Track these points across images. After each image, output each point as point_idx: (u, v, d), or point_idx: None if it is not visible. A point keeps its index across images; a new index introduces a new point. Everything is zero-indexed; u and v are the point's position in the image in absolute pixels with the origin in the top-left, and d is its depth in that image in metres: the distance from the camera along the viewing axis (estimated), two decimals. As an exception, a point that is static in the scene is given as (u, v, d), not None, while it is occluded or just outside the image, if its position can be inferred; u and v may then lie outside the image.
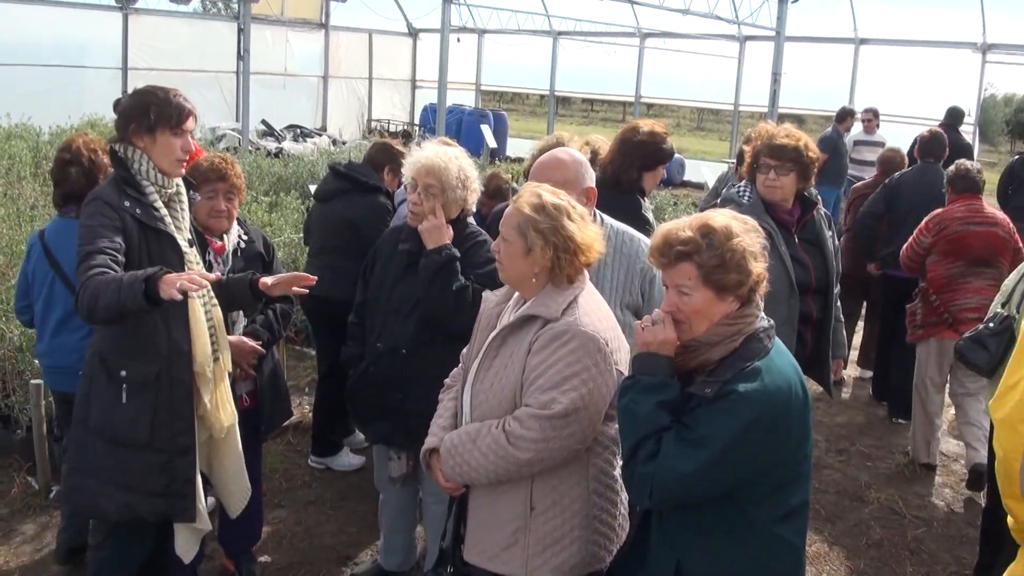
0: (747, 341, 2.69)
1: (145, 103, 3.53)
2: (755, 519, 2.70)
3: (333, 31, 22.42)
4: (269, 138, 18.87)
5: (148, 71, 17.35)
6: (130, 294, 3.14)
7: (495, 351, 3.14)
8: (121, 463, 3.54)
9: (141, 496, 3.57)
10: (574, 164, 3.82)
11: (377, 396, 4.25)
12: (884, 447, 6.98)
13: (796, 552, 2.80)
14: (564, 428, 2.91)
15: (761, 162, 4.63)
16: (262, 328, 4.41)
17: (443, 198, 4.07)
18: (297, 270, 8.57)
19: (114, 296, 3.16)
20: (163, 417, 3.54)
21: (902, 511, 5.93)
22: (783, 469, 2.70)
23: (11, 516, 5.17)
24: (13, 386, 5.88)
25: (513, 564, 3.08)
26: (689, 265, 2.68)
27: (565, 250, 3.02)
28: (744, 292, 2.69)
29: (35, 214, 8.59)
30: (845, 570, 5.21)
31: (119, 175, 3.53)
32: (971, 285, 6.25)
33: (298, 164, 13.33)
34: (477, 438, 3.03)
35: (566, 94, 25.92)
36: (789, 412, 2.65)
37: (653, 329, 2.73)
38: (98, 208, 3.42)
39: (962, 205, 6.37)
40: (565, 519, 3.04)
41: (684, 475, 2.59)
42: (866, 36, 18.36)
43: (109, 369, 3.52)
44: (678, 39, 20.30)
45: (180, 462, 3.59)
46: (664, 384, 2.70)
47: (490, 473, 3.01)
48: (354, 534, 5.27)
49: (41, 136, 13.58)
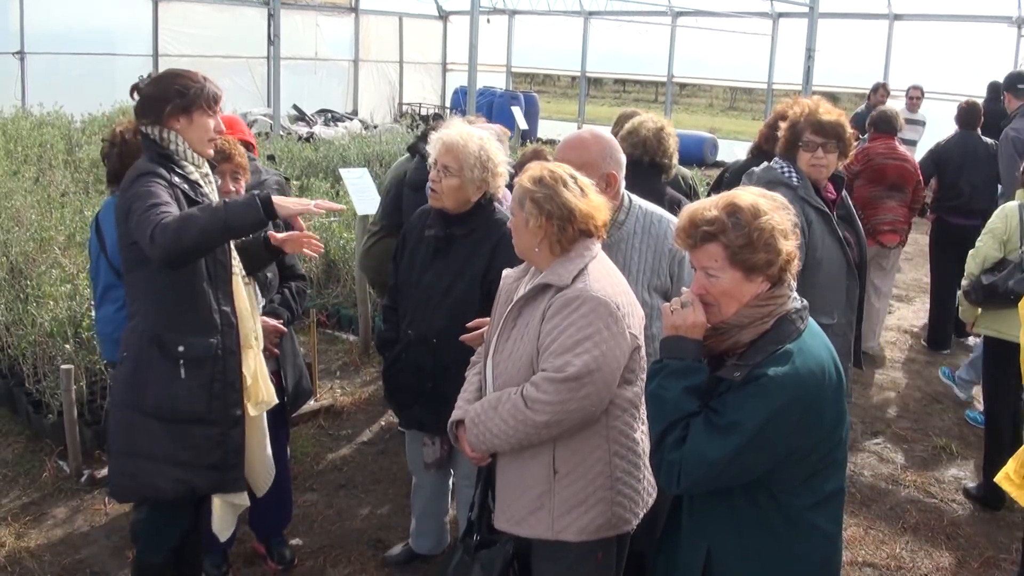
0: (778, 323, 2.61)
1: (179, 85, 3.54)
2: (788, 506, 2.64)
3: (363, 15, 22.39)
4: (300, 123, 18.90)
5: (179, 57, 17.43)
6: (241, 211, 3.33)
7: (512, 323, 3.23)
8: (177, 439, 3.57)
9: (196, 470, 3.62)
10: (596, 145, 3.76)
11: (410, 382, 4.25)
12: (920, 430, 6.88)
13: (831, 539, 2.73)
14: (579, 390, 2.97)
15: (806, 139, 4.45)
16: (281, 307, 4.44)
17: (460, 177, 4.02)
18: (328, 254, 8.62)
19: (216, 218, 3.29)
20: (219, 389, 3.60)
21: (938, 494, 5.84)
22: (816, 455, 2.63)
23: (42, 500, 5.21)
24: (44, 371, 5.94)
25: (540, 527, 3.17)
26: (715, 246, 2.60)
27: (561, 218, 3.09)
28: (774, 272, 2.61)
29: (65, 201, 8.65)
30: (881, 555, 5.13)
31: (158, 154, 3.53)
32: (886, 205, 7.93)
33: (328, 148, 13.35)
34: (498, 405, 3.11)
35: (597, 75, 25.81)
36: (822, 396, 2.58)
37: (682, 312, 2.66)
38: (152, 179, 3.43)
39: (881, 143, 8.04)
40: (588, 481, 3.11)
41: (713, 461, 2.53)
42: (900, 12, 18.08)
43: (164, 347, 3.53)
44: (710, 17, 20.09)
45: (234, 433, 3.67)
46: (692, 368, 2.64)
47: (511, 439, 3.08)
48: (385, 517, 5.26)
49: (73, 124, 13.67)
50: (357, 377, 7.30)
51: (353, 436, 6.24)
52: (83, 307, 5.98)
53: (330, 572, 4.73)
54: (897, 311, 9.82)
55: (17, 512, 5.07)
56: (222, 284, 3.61)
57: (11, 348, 6.29)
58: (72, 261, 6.84)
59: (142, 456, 3.59)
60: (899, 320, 9.49)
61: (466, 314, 4.05)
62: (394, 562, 4.79)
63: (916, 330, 9.22)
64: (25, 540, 4.82)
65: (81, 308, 5.99)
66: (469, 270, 4.09)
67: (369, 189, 7.41)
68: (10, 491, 5.30)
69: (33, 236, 7.36)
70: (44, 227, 7.48)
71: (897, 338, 8.92)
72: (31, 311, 6.04)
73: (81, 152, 11.38)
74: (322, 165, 12.19)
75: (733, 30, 20.01)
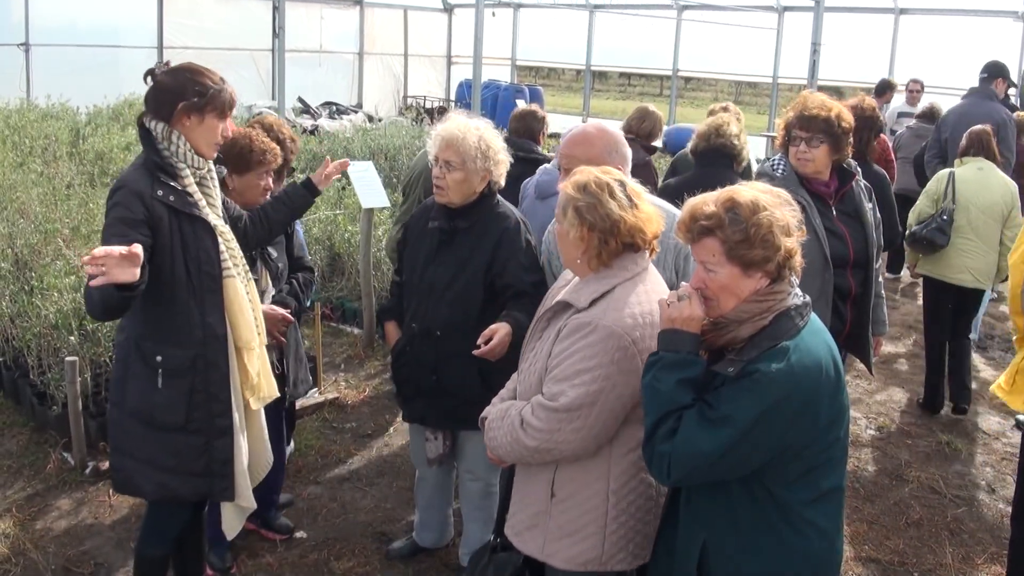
0: (777, 319, 2.60)
1: (199, 84, 3.49)
2: (784, 501, 2.64)
3: (368, 7, 22.33)
4: (305, 115, 18.86)
5: (183, 49, 17.37)
6: (98, 296, 3.16)
7: (540, 332, 3.14)
8: (159, 444, 3.57)
9: (180, 476, 3.61)
10: (602, 140, 3.75)
11: (414, 376, 4.25)
12: (924, 425, 6.87)
13: (827, 537, 2.72)
14: (568, 422, 2.86)
15: (793, 134, 4.56)
16: (289, 296, 4.48)
17: (464, 170, 4.02)
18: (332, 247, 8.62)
19: (91, 301, 3.21)
20: (200, 401, 3.55)
21: (942, 490, 5.84)
22: (812, 451, 2.62)
23: (47, 491, 5.23)
24: (49, 363, 5.95)
25: (532, 546, 3.11)
26: (713, 240, 2.61)
27: (603, 230, 2.93)
28: (772, 268, 2.61)
29: (71, 193, 8.64)
30: (884, 550, 5.13)
31: (151, 160, 3.47)
32: None
33: (333, 141, 13.34)
34: (504, 416, 3.05)
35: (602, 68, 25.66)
36: (817, 394, 2.57)
37: (678, 305, 2.66)
38: (124, 198, 3.38)
39: None
40: (582, 512, 3.01)
41: (704, 454, 2.54)
42: (906, 6, 18.02)
43: (144, 354, 3.52)
44: (716, 11, 20.04)
45: (218, 443, 3.62)
46: (687, 361, 2.65)
47: (510, 454, 3.04)
48: (389, 511, 5.27)
49: (78, 116, 13.66)
50: (361, 370, 7.30)
51: (357, 429, 6.25)
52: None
53: (334, 565, 4.74)
54: (902, 306, 9.81)
55: (22, 503, 5.09)
56: (208, 294, 3.52)
57: (16, 340, 6.30)
58: (77, 253, 6.83)
59: (127, 455, 3.62)
60: (903, 316, 9.47)
61: (469, 308, 4.06)
62: (398, 555, 4.80)
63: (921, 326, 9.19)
64: (29, 531, 4.83)
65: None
66: (472, 264, 4.09)
67: (374, 182, 7.37)
68: (15, 482, 5.31)
69: (38, 228, 7.35)
70: (49, 219, 7.48)
71: (901, 333, 8.90)
72: (36, 303, 6.04)
73: (86, 144, 11.37)
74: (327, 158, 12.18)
75: (738, 24, 19.94)
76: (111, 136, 11.53)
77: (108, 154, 10.80)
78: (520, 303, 3.93)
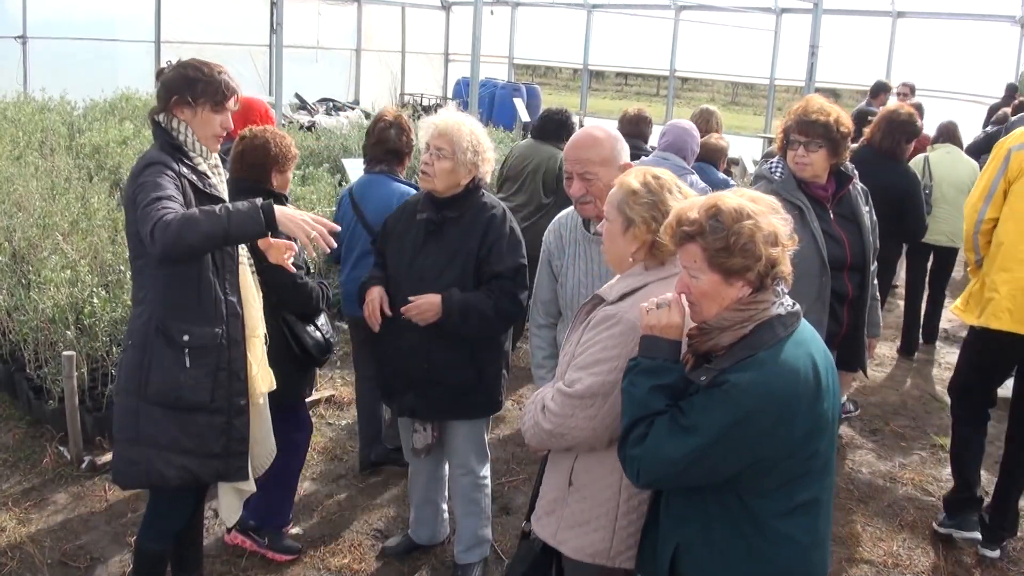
0: (758, 328, 2.59)
1: (189, 77, 3.57)
2: (756, 511, 2.63)
3: (366, 4, 22.30)
4: (302, 112, 18.83)
5: (181, 44, 17.34)
6: (243, 220, 3.27)
7: (578, 324, 3.15)
8: (181, 428, 3.60)
9: (200, 458, 3.65)
10: (609, 141, 3.78)
11: (403, 367, 4.30)
12: (918, 428, 6.90)
13: (801, 549, 2.68)
14: (582, 409, 2.90)
15: (791, 138, 4.58)
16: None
17: (452, 160, 4.12)
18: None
19: (217, 225, 3.24)
20: (223, 379, 3.64)
21: (936, 493, 5.86)
22: (788, 464, 2.60)
23: (43, 486, 5.23)
24: (45, 357, 5.94)
25: (547, 531, 3.14)
26: (694, 247, 2.61)
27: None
28: (753, 277, 2.59)
29: (68, 186, 8.62)
30: (878, 552, 5.15)
31: (167, 143, 3.56)
32: None
33: (330, 138, 13.31)
34: (534, 400, 3.10)
35: (600, 68, 25.68)
36: (792, 406, 2.54)
37: (657, 313, 2.69)
38: (160, 170, 3.44)
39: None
40: (594, 504, 3.03)
41: (672, 461, 2.56)
42: (903, 9, 18.04)
43: (169, 335, 3.55)
44: (714, 12, 20.05)
45: (237, 422, 3.70)
46: (663, 368, 2.66)
47: (532, 437, 3.07)
48: (385, 508, 5.29)
49: (75, 110, 13.62)
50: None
51: (353, 426, 6.24)
52: (85, 293, 5.98)
53: (330, 562, 4.75)
54: (896, 308, 9.83)
55: (18, 498, 5.09)
56: (229, 274, 3.63)
57: (12, 334, 6.30)
58: (74, 247, 6.83)
59: (146, 443, 3.61)
60: (897, 318, 9.49)
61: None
62: (393, 552, 4.82)
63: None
64: (26, 526, 4.84)
65: (83, 294, 5.98)
66: (462, 253, 4.20)
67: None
68: (11, 477, 5.32)
69: (36, 222, 7.34)
70: (47, 213, 7.47)
71: (895, 335, 8.93)
72: (33, 297, 6.03)
73: (83, 138, 11.34)
74: (324, 154, 12.14)
75: (736, 25, 19.97)
76: (107, 130, 11.50)
77: (105, 148, 10.77)
78: (490, 285, 4.15)
